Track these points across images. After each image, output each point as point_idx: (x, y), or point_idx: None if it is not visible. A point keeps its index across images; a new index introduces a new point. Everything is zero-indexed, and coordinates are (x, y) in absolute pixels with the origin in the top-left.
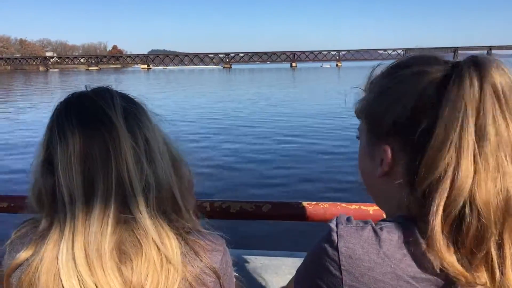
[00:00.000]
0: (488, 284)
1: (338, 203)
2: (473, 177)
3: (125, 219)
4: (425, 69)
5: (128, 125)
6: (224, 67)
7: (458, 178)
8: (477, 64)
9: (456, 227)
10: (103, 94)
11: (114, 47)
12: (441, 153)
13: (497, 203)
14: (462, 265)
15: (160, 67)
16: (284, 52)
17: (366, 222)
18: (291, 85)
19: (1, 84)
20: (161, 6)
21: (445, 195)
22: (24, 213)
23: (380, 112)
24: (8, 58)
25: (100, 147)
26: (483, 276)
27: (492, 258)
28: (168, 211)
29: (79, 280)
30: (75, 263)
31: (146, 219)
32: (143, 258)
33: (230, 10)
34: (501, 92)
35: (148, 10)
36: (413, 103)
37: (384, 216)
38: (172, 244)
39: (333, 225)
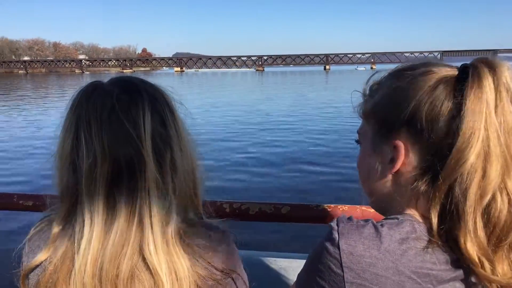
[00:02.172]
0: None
1: (358, 206)
2: (502, 167)
3: (140, 233)
4: (432, 69)
5: (154, 133)
6: (257, 70)
7: (489, 170)
8: (490, 64)
9: (485, 216)
10: (132, 94)
11: (144, 50)
12: (470, 147)
13: None
14: (488, 256)
15: (193, 70)
16: (317, 55)
17: (366, 220)
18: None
19: (41, 85)
20: (187, 9)
21: (480, 185)
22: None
23: (391, 110)
24: (45, 61)
25: (125, 153)
26: (507, 270)
27: None
28: (184, 213)
29: None
30: (84, 272)
31: (158, 247)
32: (153, 278)
33: (261, 12)
34: (510, 86)
35: (174, 13)
36: (428, 99)
37: None
38: (183, 265)
39: (334, 224)
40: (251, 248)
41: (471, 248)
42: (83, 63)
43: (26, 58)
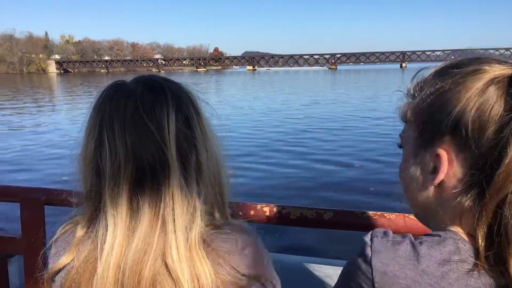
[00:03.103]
0: None
1: (406, 215)
2: None
3: (163, 239)
4: (484, 67)
5: (179, 137)
6: (329, 68)
7: None
8: None
9: None
10: (156, 93)
11: (216, 49)
12: None
13: None
14: None
15: (264, 68)
16: (393, 52)
17: (404, 236)
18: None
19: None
20: (257, 8)
21: None
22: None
23: (434, 114)
24: (124, 60)
25: (149, 155)
26: None
27: None
28: (209, 216)
29: None
30: (106, 278)
31: (181, 252)
32: (176, 284)
33: (329, 10)
34: None
35: (245, 12)
36: (476, 102)
37: None
38: (206, 272)
39: (367, 238)
40: (288, 252)
41: None
42: (159, 63)
43: (106, 58)
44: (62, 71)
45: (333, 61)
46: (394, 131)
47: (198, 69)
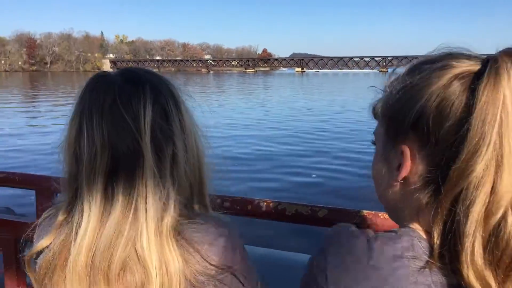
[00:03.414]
0: None
1: None
2: None
3: (135, 226)
4: (452, 63)
5: (155, 127)
6: (380, 71)
7: (499, 183)
8: None
9: (492, 239)
10: (134, 85)
11: (264, 50)
12: (478, 153)
13: None
14: (496, 283)
15: (313, 70)
16: None
17: (363, 232)
18: None
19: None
20: (305, 10)
21: (486, 201)
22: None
23: (399, 110)
24: (175, 60)
25: (124, 145)
26: None
27: None
28: (185, 207)
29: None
30: (78, 261)
31: (151, 240)
32: (144, 270)
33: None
34: None
35: (293, 14)
36: (437, 97)
37: None
38: (174, 260)
39: (328, 232)
40: (281, 248)
41: (471, 275)
42: (209, 63)
43: (158, 58)
44: (116, 70)
45: (384, 63)
46: None
47: (247, 70)
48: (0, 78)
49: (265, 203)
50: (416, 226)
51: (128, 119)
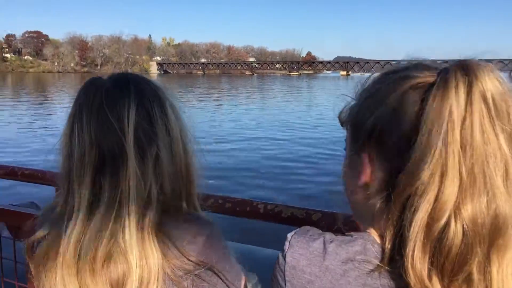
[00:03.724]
0: None
1: None
2: (459, 191)
3: (118, 220)
4: (412, 74)
5: (138, 129)
6: None
7: (443, 191)
8: (465, 69)
9: (436, 246)
10: (120, 89)
11: (308, 54)
12: (424, 161)
13: (484, 221)
14: None
15: (358, 74)
16: (501, 60)
17: (321, 234)
18: None
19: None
20: (350, 13)
21: (428, 208)
22: None
23: (361, 117)
24: (220, 63)
25: (109, 144)
26: None
27: (473, 281)
28: (169, 206)
29: (63, 277)
30: (66, 252)
31: (132, 234)
32: (126, 262)
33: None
34: (490, 100)
35: (337, 18)
36: (392, 107)
37: None
38: (154, 254)
39: (289, 234)
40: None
41: (412, 279)
42: (253, 66)
43: (203, 60)
44: (162, 72)
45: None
46: None
47: (291, 73)
48: (53, 79)
49: (263, 205)
50: (371, 230)
51: (113, 120)
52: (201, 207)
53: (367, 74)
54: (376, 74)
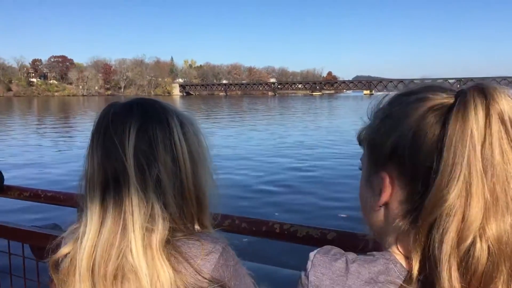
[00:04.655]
0: None
1: None
2: (483, 211)
3: (125, 238)
4: (429, 95)
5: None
6: None
7: (469, 211)
8: (482, 91)
9: (463, 264)
10: (124, 113)
11: (329, 73)
12: (450, 185)
13: (509, 240)
14: None
15: (381, 93)
16: None
17: (343, 254)
18: None
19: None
20: (369, 32)
21: (457, 228)
22: None
23: (380, 138)
24: (242, 84)
25: (112, 166)
26: None
27: None
28: (180, 224)
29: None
30: (81, 267)
31: (139, 251)
32: (137, 279)
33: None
34: (508, 121)
35: (356, 37)
36: (413, 128)
37: None
38: (165, 272)
39: (312, 254)
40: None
41: None
42: (273, 86)
43: (225, 82)
44: (184, 94)
45: (458, 85)
46: None
47: (314, 93)
48: (78, 103)
49: (279, 225)
50: (394, 250)
51: (117, 143)
52: (217, 227)
53: (392, 93)
54: (391, 94)
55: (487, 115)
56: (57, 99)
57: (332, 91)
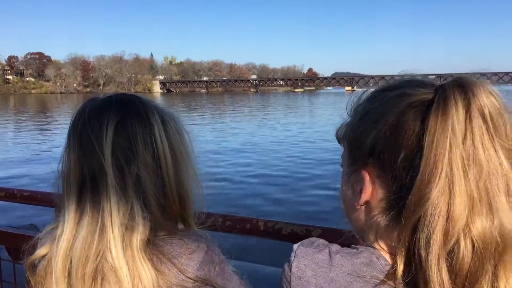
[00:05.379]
0: None
1: None
2: (468, 209)
3: (103, 238)
4: (408, 91)
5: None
6: None
7: (453, 210)
8: (461, 86)
9: (447, 263)
10: (101, 111)
11: (310, 70)
12: (431, 183)
13: (492, 238)
14: None
15: (361, 89)
16: None
17: (327, 245)
18: None
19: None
20: (346, 30)
21: (442, 226)
22: None
23: (359, 136)
24: (223, 81)
25: (90, 163)
26: None
27: None
28: (162, 224)
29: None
30: (56, 269)
31: (119, 252)
32: (118, 280)
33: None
34: (488, 116)
35: (334, 34)
36: (391, 126)
37: None
38: (147, 272)
39: (295, 245)
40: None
41: None
42: (254, 83)
43: (205, 78)
44: (165, 91)
45: (438, 81)
46: None
47: (296, 89)
48: (56, 100)
49: (263, 223)
50: (377, 246)
51: (93, 139)
52: (200, 225)
53: (372, 89)
54: (371, 90)
55: (468, 111)
56: (34, 97)
57: (313, 88)
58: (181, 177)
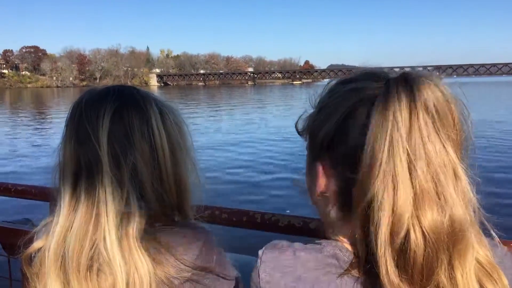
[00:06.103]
0: None
1: None
2: (415, 201)
3: (98, 228)
4: (361, 85)
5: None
6: None
7: (397, 203)
8: (406, 80)
9: (401, 256)
10: (98, 101)
11: (306, 62)
12: (372, 175)
13: (443, 228)
14: None
15: (327, 79)
16: None
17: (291, 244)
18: None
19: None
20: (341, 23)
21: (388, 222)
22: None
23: (315, 128)
24: (221, 73)
25: (85, 153)
26: None
27: None
28: (160, 215)
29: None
30: (48, 259)
31: (113, 242)
32: (112, 271)
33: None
34: (434, 109)
35: (330, 26)
36: (342, 119)
37: None
38: (143, 263)
39: (260, 251)
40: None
41: None
42: (250, 75)
43: (202, 71)
44: (162, 84)
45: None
46: None
47: (294, 82)
48: (53, 94)
49: (260, 215)
50: (339, 237)
51: (90, 129)
52: (197, 218)
53: (333, 81)
54: (332, 82)
55: (411, 105)
56: (31, 91)
57: (310, 80)
58: (179, 168)
